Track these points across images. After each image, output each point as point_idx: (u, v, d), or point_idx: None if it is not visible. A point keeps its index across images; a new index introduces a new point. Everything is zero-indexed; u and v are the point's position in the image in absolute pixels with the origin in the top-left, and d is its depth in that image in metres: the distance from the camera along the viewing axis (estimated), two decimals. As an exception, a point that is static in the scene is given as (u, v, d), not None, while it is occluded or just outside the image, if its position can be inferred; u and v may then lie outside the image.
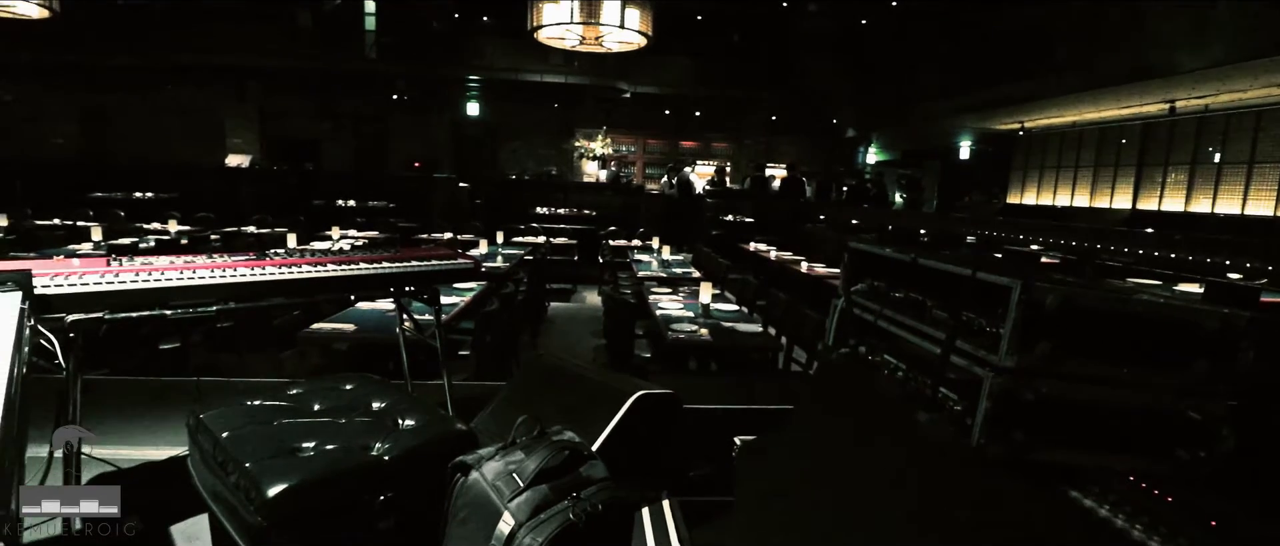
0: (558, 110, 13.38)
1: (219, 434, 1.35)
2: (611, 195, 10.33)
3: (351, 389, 1.66)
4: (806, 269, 5.82)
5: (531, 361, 2.65)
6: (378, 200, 9.43)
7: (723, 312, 3.76)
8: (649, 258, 6.28)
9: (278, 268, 1.99)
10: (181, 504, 1.86)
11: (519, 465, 1.30)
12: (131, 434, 2.58)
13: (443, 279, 2.52)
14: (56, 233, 6.06)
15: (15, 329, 1.25)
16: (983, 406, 1.23)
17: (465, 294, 3.90)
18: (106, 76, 11.55)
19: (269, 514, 1.16)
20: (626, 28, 7.07)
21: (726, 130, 14.42)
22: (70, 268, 1.77)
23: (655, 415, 2.04)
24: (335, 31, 11.25)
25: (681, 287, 4.60)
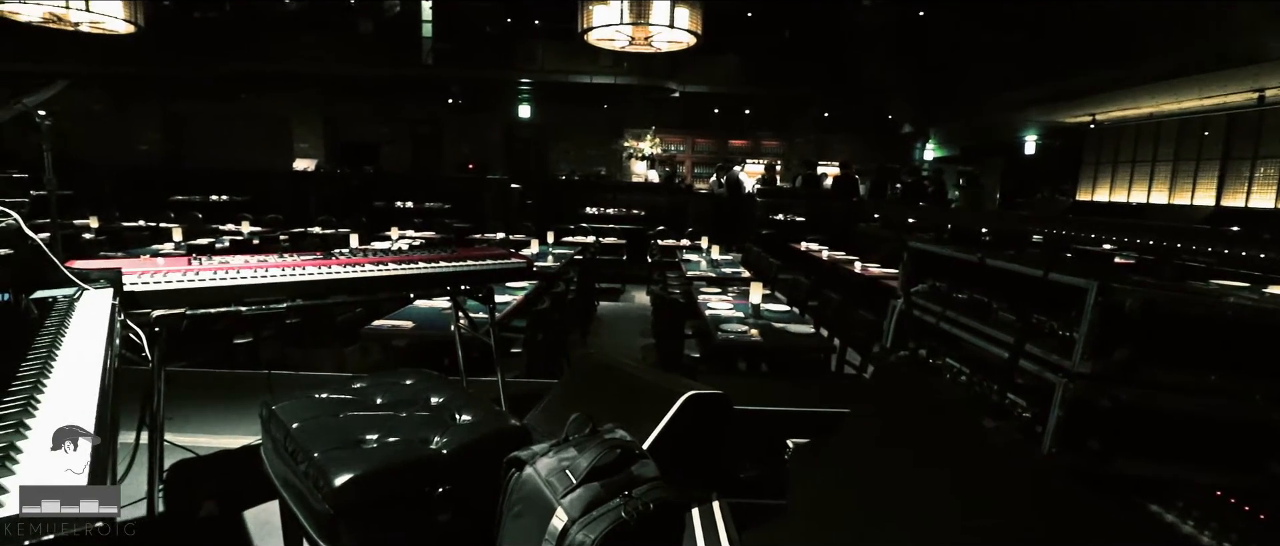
0: (607, 111, 13.47)
1: (290, 424, 1.42)
2: (660, 195, 10.33)
3: (411, 384, 1.71)
4: (860, 269, 5.67)
5: (582, 360, 2.67)
6: (433, 201, 9.71)
7: (773, 313, 3.70)
8: (698, 257, 6.25)
9: (342, 267, 2.08)
10: (254, 490, 1.96)
11: (572, 462, 1.32)
12: (208, 423, 2.74)
13: (497, 278, 2.58)
14: (142, 233, 6.49)
15: (108, 323, 1.35)
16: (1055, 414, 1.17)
17: (517, 293, 3.97)
18: (185, 86, 12.29)
19: (336, 502, 1.21)
20: (676, 27, 7.06)
21: (777, 128, 14.22)
22: (155, 267, 1.89)
23: (705, 415, 2.03)
24: (394, 38, 11.65)
25: (731, 287, 4.56)
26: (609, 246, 7.99)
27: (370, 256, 2.28)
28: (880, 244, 7.32)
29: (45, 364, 1.08)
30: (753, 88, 12.70)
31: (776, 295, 4.36)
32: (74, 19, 7.02)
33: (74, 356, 1.14)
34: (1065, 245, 7.28)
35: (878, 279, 5.27)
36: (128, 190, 9.05)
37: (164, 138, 13.07)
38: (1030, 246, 7.56)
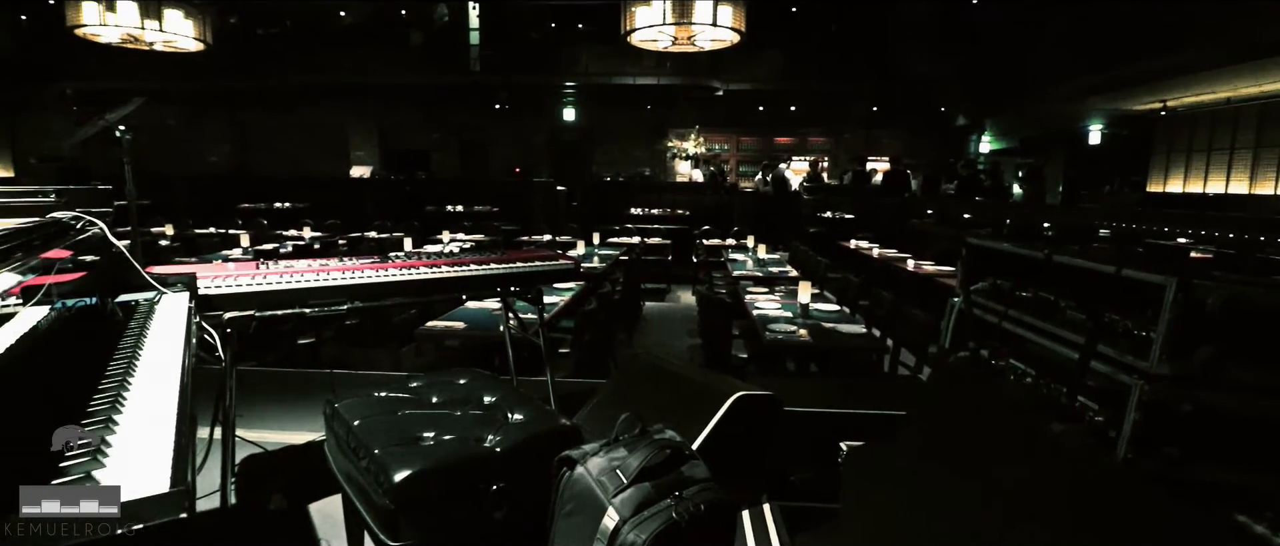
0: (651, 111, 13.49)
1: (351, 421, 1.47)
2: (705, 194, 10.28)
3: (465, 383, 1.75)
4: (913, 267, 5.51)
5: (629, 360, 2.68)
6: (482, 205, 9.93)
7: (822, 313, 3.64)
8: (744, 257, 6.19)
9: (398, 270, 2.15)
10: (319, 484, 2.04)
11: (622, 462, 1.32)
12: (275, 419, 2.87)
13: (545, 279, 2.61)
14: (212, 240, 6.85)
15: (185, 325, 1.43)
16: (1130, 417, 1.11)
17: (564, 294, 4.01)
18: (250, 99, 12.92)
19: (396, 497, 1.25)
20: (720, 25, 7.01)
21: (823, 124, 13.94)
22: (226, 271, 1.99)
23: (755, 416, 2.00)
24: (443, 47, 11.95)
25: (778, 287, 4.50)
26: (654, 247, 8.00)
27: (424, 259, 2.35)
28: (934, 241, 7.10)
29: (130, 363, 1.15)
30: (798, 83, 12.49)
31: (825, 294, 4.28)
32: (149, 38, 7.49)
33: (155, 356, 1.21)
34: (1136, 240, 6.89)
35: (932, 277, 5.11)
36: (199, 199, 9.58)
37: (231, 148, 13.78)
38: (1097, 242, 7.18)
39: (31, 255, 1.09)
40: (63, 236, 1.30)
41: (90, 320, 1.42)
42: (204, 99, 12.60)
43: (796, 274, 5.26)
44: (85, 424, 0.88)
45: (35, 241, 1.13)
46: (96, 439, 0.83)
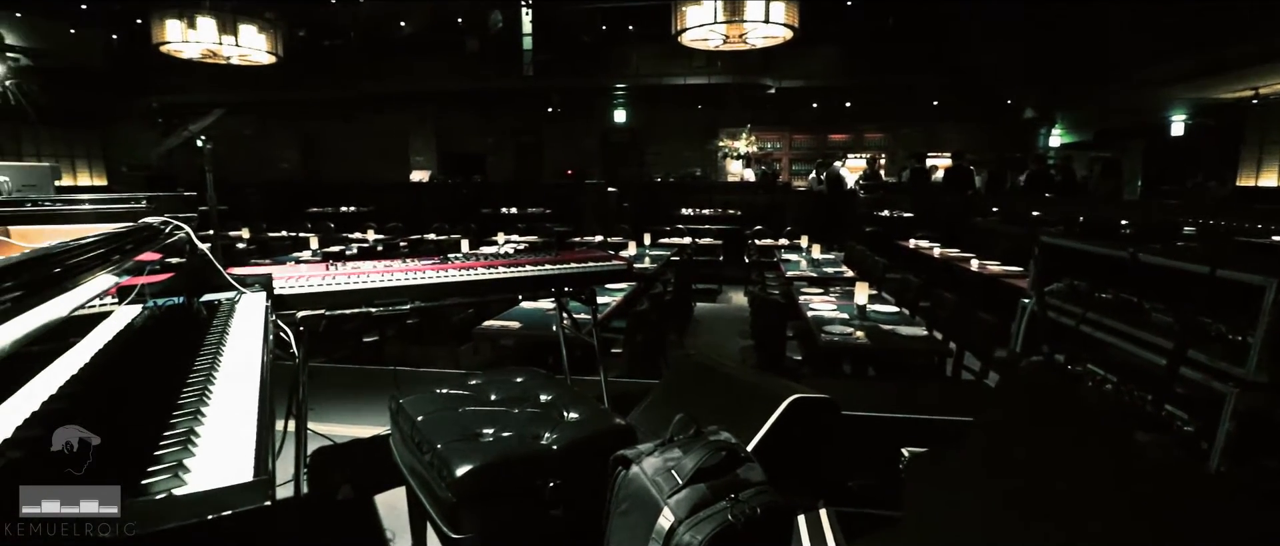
0: (701, 111, 13.42)
1: (415, 417, 1.53)
2: (757, 194, 10.15)
3: (521, 382, 1.78)
4: (977, 267, 5.29)
5: (682, 360, 2.68)
6: (535, 207, 10.10)
7: (880, 314, 3.54)
8: (797, 257, 6.08)
9: (457, 271, 2.21)
10: (383, 476, 2.13)
11: (677, 462, 1.32)
12: (342, 413, 2.99)
13: (598, 280, 2.64)
14: (284, 242, 7.22)
15: (263, 322, 1.51)
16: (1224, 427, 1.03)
17: (616, 294, 4.04)
18: (317, 108, 13.56)
19: (458, 491, 1.28)
20: (772, 22, 6.92)
21: (880, 120, 13.54)
22: (299, 272, 2.09)
23: (811, 420, 1.97)
24: (498, 54, 12.24)
25: (833, 288, 4.40)
26: (705, 247, 7.95)
27: (482, 260, 2.41)
28: (1000, 239, 6.79)
29: (215, 359, 1.22)
30: (853, 79, 12.18)
31: (883, 295, 4.16)
32: (226, 53, 7.96)
33: (237, 352, 1.29)
34: (1226, 238, 6.40)
35: (998, 277, 4.90)
36: (271, 204, 10.11)
37: (300, 156, 14.49)
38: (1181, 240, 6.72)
39: (127, 258, 1.18)
40: (154, 240, 1.39)
41: (178, 318, 1.52)
42: (275, 109, 13.29)
43: (852, 274, 5.14)
44: (176, 415, 0.94)
45: (130, 245, 1.22)
46: (186, 429, 0.89)
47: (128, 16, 10.55)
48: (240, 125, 13.22)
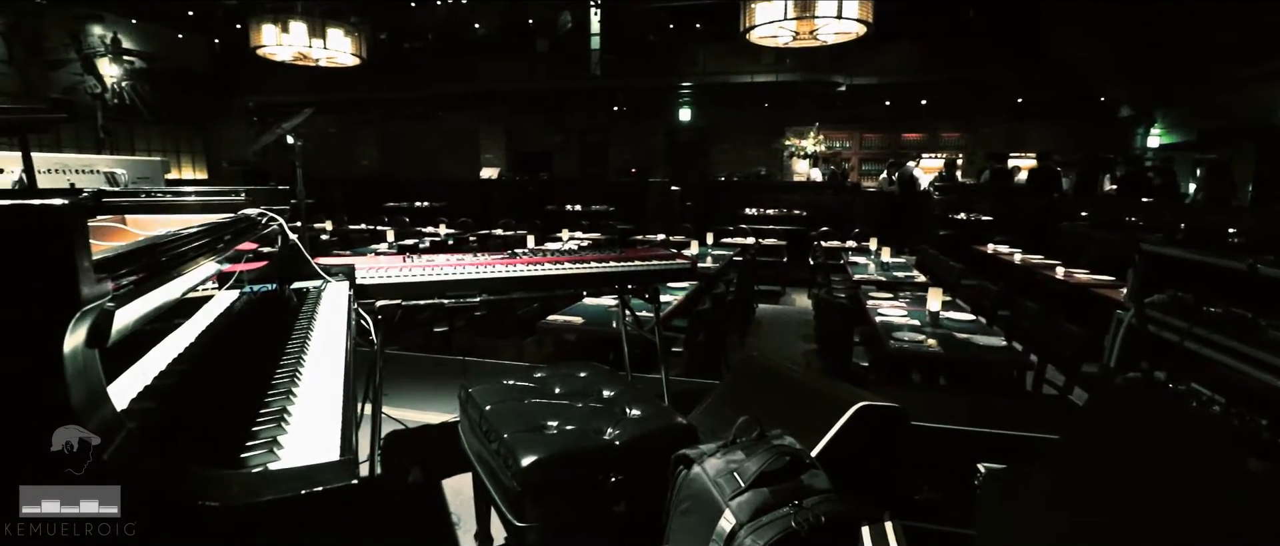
0: (768, 109, 13.21)
1: (484, 406, 1.57)
2: (824, 194, 9.91)
3: (585, 377, 1.81)
4: (1063, 275, 4.98)
5: (745, 362, 2.65)
6: (599, 204, 10.22)
7: (955, 322, 3.38)
8: (865, 260, 5.90)
9: (525, 266, 2.26)
10: (451, 462, 2.21)
11: (740, 465, 1.31)
12: (413, 399, 3.12)
13: (661, 278, 2.65)
14: (363, 235, 7.60)
15: (346, 310, 1.60)
16: (1354, 460, 0.92)
17: (678, 293, 4.03)
18: (396, 108, 14.19)
19: (524, 480, 1.31)
20: (845, 18, 6.72)
21: (958, 118, 12.92)
22: (378, 263, 2.20)
23: (878, 429, 1.91)
24: (567, 54, 12.46)
25: (903, 292, 4.24)
26: (769, 248, 7.83)
27: (548, 256, 2.46)
28: (1089, 246, 6.36)
29: (304, 342, 1.30)
30: (930, 75, 11.68)
31: (958, 302, 3.97)
32: (315, 56, 8.44)
33: (324, 337, 1.36)
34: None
35: (1086, 287, 4.59)
36: (352, 198, 10.66)
37: (380, 153, 15.21)
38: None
39: (229, 247, 1.27)
40: (252, 231, 1.49)
41: (271, 303, 1.62)
42: (358, 109, 13.99)
43: (925, 279, 4.93)
44: (270, 394, 1.01)
45: (232, 235, 1.31)
46: (279, 407, 0.95)
47: (229, 22, 11.36)
48: (326, 124, 14.00)
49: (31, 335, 0.55)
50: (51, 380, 0.55)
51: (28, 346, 0.55)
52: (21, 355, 0.56)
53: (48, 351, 0.55)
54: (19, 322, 0.55)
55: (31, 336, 0.55)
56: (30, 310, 0.56)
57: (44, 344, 0.55)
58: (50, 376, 0.55)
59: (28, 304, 0.56)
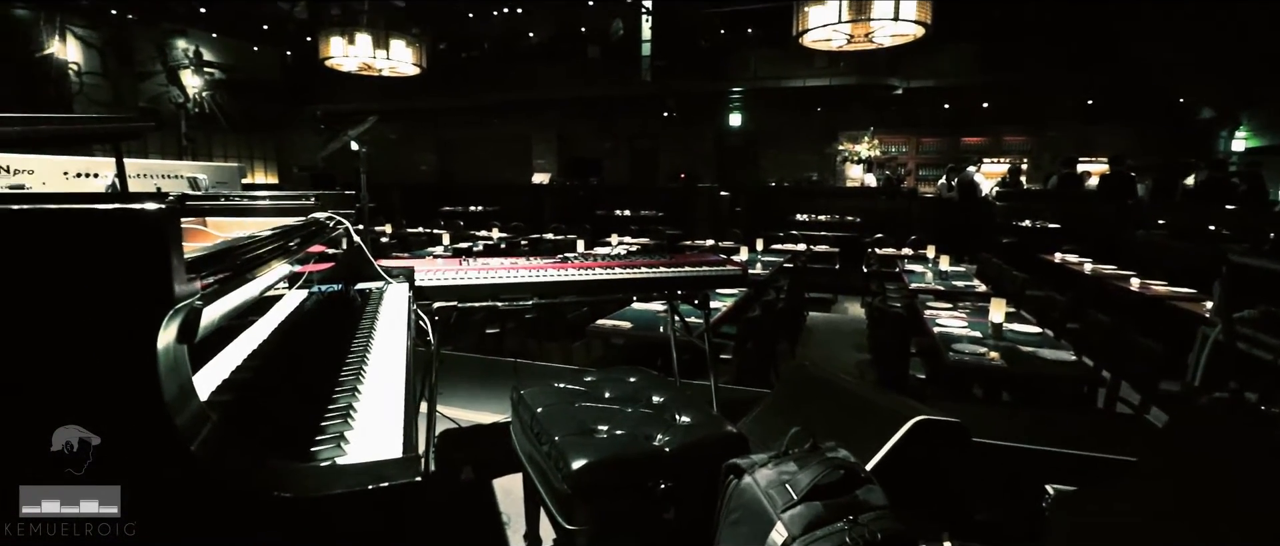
0: (820, 114, 12.98)
1: (535, 408, 1.60)
2: (878, 200, 9.66)
3: (634, 382, 1.82)
4: (1139, 286, 4.70)
5: (796, 370, 2.60)
6: (648, 209, 10.25)
7: (1019, 334, 3.23)
8: (922, 268, 5.71)
9: (577, 270, 2.29)
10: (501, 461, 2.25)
11: (792, 477, 1.29)
12: (466, 399, 3.20)
13: (712, 284, 2.63)
14: (420, 238, 7.85)
15: (406, 311, 1.65)
16: None
17: (727, 299, 4.00)
18: (452, 115, 14.62)
19: (573, 483, 1.33)
20: (902, 20, 6.55)
21: (1022, 121, 12.37)
22: (436, 266, 2.26)
23: (937, 444, 1.84)
24: (618, 60, 12.57)
25: (964, 302, 4.08)
26: (820, 255, 7.67)
27: (599, 261, 2.49)
28: (1166, 256, 5.99)
29: (367, 341, 1.35)
30: (991, 77, 11.24)
31: (1022, 313, 3.80)
32: (378, 66, 8.79)
33: (386, 337, 1.41)
34: None
35: (1164, 299, 4.32)
36: (410, 202, 11.02)
37: (437, 158, 15.70)
38: None
39: (302, 249, 1.33)
40: (322, 234, 1.56)
41: (337, 303, 1.70)
42: (417, 116, 14.48)
43: (986, 289, 4.74)
44: (337, 390, 1.05)
45: (302, 238, 1.38)
46: (345, 404, 0.99)
47: (300, 35, 11.96)
48: (387, 131, 14.54)
49: (130, 331, 0.60)
50: (146, 375, 0.59)
51: (126, 341, 0.60)
52: (121, 350, 0.60)
53: (144, 347, 0.59)
54: (119, 318, 0.60)
55: (130, 332, 0.60)
56: (129, 307, 0.60)
57: (141, 339, 0.59)
58: (146, 371, 0.59)
59: (127, 301, 0.60)
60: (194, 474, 0.60)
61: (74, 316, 0.59)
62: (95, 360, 0.60)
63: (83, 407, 0.59)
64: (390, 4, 10.19)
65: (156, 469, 0.60)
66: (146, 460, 0.60)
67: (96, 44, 11.14)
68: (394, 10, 10.23)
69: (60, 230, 0.58)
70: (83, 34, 10.94)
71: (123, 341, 0.60)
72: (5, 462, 0.59)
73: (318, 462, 0.77)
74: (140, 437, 0.60)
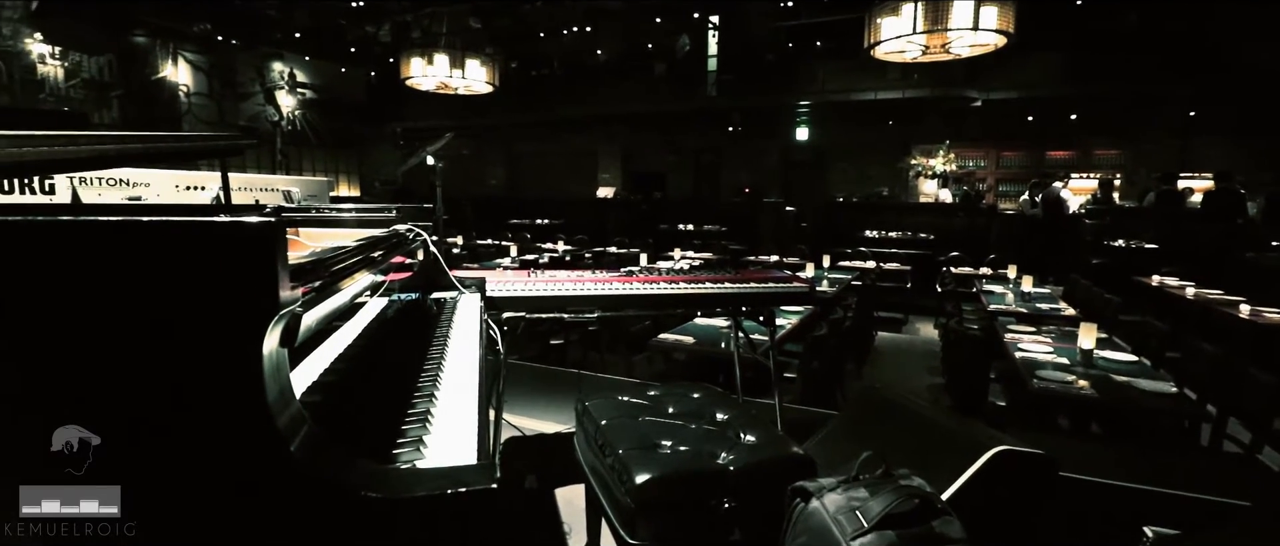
0: (892, 127, 12.59)
1: (600, 421, 1.61)
2: (954, 216, 9.26)
3: (698, 398, 1.81)
4: (1249, 314, 4.30)
5: (865, 393, 2.52)
6: (711, 224, 10.21)
7: (1111, 362, 3.01)
8: (1002, 289, 5.42)
9: (642, 284, 2.31)
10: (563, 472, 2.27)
11: (862, 503, 1.24)
12: (530, 408, 3.26)
13: (778, 301, 2.59)
14: (490, 250, 8.10)
15: (479, 320, 1.71)
16: None
17: (792, 316, 3.92)
18: (522, 131, 15.08)
19: (637, 497, 1.33)
20: (982, 29, 6.29)
21: (1115, 133, 11.57)
22: (505, 278, 2.33)
23: (1020, 477, 1.74)
24: (683, 76, 12.65)
25: (1048, 326, 3.84)
26: (891, 273, 7.41)
27: (663, 275, 2.50)
28: (1283, 281, 5.45)
29: (443, 349, 1.40)
30: (1080, 87, 10.60)
31: (1115, 340, 3.55)
32: (454, 85, 9.19)
33: (459, 345, 1.47)
34: None
35: (1278, 327, 3.94)
36: (480, 215, 11.41)
37: (505, 172, 16.21)
38: None
39: (387, 259, 1.40)
40: (404, 246, 1.64)
41: (414, 311, 1.77)
42: (488, 132, 15.02)
43: (1074, 313, 4.45)
44: (416, 396, 1.10)
45: (387, 249, 1.45)
46: (424, 409, 1.03)
47: (383, 57, 12.67)
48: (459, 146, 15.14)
49: (239, 335, 0.64)
50: (252, 377, 0.64)
51: (236, 345, 0.65)
52: (231, 352, 0.65)
53: (251, 350, 0.64)
54: (231, 322, 0.65)
55: (239, 336, 0.65)
56: (240, 312, 0.65)
57: (249, 343, 0.64)
58: (252, 373, 0.64)
59: (238, 306, 0.65)
60: (292, 472, 0.64)
61: (190, 320, 0.64)
62: (207, 362, 0.65)
63: (195, 407, 0.64)
64: (467, 25, 10.66)
65: (259, 467, 0.64)
66: (251, 459, 0.64)
67: (204, 68, 12.18)
68: (470, 31, 10.69)
69: (185, 240, 0.64)
70: (193, 58, 11.99)
71: (233, 344, 0.65)
72: (123, 458, 0.64)
73: (398, 465, 0.81)
74: (245, 437, 0.64)
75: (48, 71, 10.03)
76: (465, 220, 10.48)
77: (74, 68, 10.34)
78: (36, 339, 0.62)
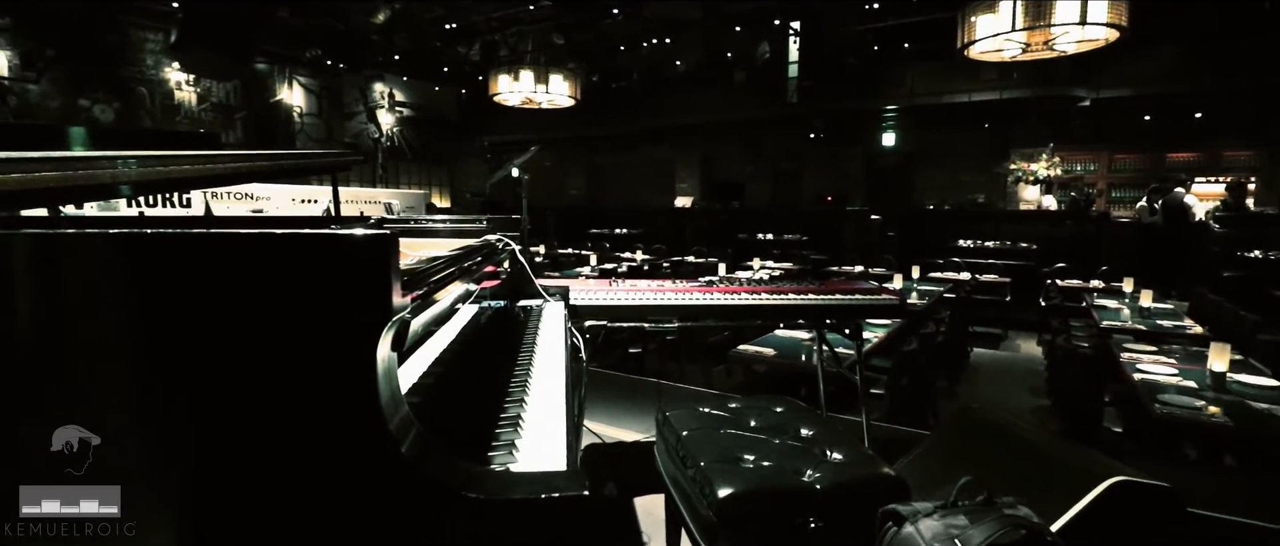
0: (988, 130, 11.87)
1: (681, 431, 1.61)
2: (1059, 225, 8.62)
3: (781, 412, 1.77)
4: None
5: (963, 413, 2.38)
6: (790, 233, 10.00)
7: (1248, 387, 2.70)
8: (1117, 304, 4.98)
9: (723, 294, 2.29)
10: (642, 480, 2.28)
11: (961, 532, 1.17)
12: (609, 416, 3.30)
13: (866, 313, 2.50)
14: (570, 259, 8.29)
15: (563, 328, 1.75)
16: None
17: (878, 330, 3.77)
18: (602, 142, 15.38)
19: (719, 510, 1.32)
20: (1090, 23, 5.84)
21: (1247, 133, 10.36)
22: (587, 286, 2.38)
23: (1139, 511, 1.59)
24: (763, 83, 12.50)
25: (1172, 346, 3.49)
26: (987, 285, 6.97)
27: (744, 285, 2.47)
28: None
29: (531, 356, 1.45)
30: (1205, 82, 9.59)
31: (1251, 362, 3.17)
32: (539, 99, 9.52)
33: (546, 352, 1.51)
34: None
35: None
36: (562, 225, 11.71)
37: (586, 183, 16.57)
38: None
39: (480, 268, 1.46)
40: (495, 256, 1.71)
41: (503, 318, 1.84)
42: (569, 144, 15.43)
43: (1202, 331, 4.02)
44: (507, 400, 1.14)
45: (481, 259, 1.52)
46: (515, 414, 1.07)
47: (473, 74, 13.31)
48: (541, 158, 15.63)
49: (356, 339, 0.69)
50: (367, 380, 0.69)
51: (353, 349, 0.69)
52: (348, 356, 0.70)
53: (367, 354, 0.69)
54: (349, 327, 0.70)
55: (356, 340, 0.69)
56: (357, 317, 0.70)
57: (366, 347, 0.69)
58: (366, 377, 0.69)
59: (356, 312, 0.70)
60: (403, 472, 0.68)
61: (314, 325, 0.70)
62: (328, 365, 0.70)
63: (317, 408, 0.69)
64: (550, 41, 11.02)
65: (374, 466, 0.69)
66: (366, 458, 0.69)
67: (315, 90, 13.22)
68: (554, 47, 11.04)
69: (313, 251, 0.69)
70: (305, 82, 13.04)
71: (351, 348, 0.70)
72: (241, 456, 0.69)
73: (493, 466, 0.84)
74: (361, 437, 0.69)
75: (183, 97, 11.24)
76: (547, 229, 10.78)
77: (205, 93, 11.51)
78: (184, 340, 0.68)
